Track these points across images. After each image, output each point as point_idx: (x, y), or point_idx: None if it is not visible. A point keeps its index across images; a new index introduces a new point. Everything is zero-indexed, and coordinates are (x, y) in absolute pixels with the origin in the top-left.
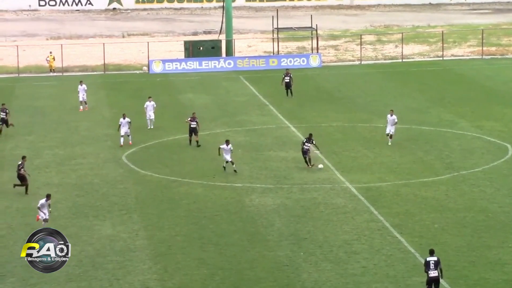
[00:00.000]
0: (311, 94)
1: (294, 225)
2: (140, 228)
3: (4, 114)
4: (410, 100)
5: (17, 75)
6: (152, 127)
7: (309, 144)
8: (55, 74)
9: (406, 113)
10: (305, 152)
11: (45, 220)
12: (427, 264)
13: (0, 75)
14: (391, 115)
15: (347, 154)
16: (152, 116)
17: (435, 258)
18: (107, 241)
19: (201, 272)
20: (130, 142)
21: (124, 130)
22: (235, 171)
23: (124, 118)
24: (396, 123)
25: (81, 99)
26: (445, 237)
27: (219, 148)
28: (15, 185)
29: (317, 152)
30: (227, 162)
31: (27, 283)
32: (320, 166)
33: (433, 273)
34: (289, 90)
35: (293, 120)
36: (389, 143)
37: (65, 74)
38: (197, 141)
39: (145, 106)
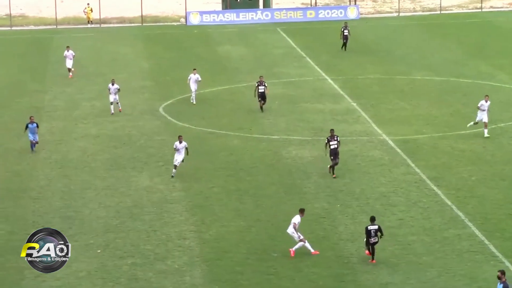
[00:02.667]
0: (348, 46)
1: (330, 177)
2: (177, 180)
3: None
4: (448, 52)
5: (55, 26)
6: (195, 102)
7: (336, 142)
8: (92, 25)
9: (444, 66)
10: (335, 154)
11: (301, 240)
12: (368, 232)
13: (38, 27)
14: (486, 101)
15: (384, 107)
16: (195, 89)
17: (376, 227)
18: (145, 192)
19: (238, 223)
20: (120, 109)
21: (112, 97)
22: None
23: (112, 85)
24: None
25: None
26: (482, 190)
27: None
28: None
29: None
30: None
31: (66, 233)
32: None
33: (373, 240)
34: (345, 44)
35: (330, 72)
36: (486, 134)
37: (102, 25)
38: (261, 106)
39: (188, 78)
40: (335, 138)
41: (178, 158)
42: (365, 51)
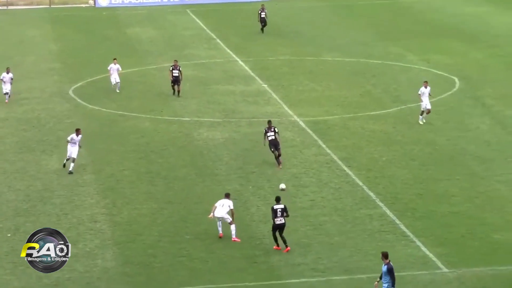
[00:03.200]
0: (258, 28)
1: (242, 159)
2: (88, 163)
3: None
4: (358, 33)
5: None
6: (119, 90)
7: (273, 133)
8: None
9: (353, 47)
10: (274, 145)
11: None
12: (274, 211)
13: None
14: (426, 87)
15: (295, 88)
16: (118, 79)
17: (282, 206)
18: (55, 176)
19: (149, 206)
20: (6, 101)
21: (8, 87)
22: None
23: (7, 73)
24: (430, 95)
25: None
26: (393, 170)
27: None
28: None
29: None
30: (68, 159)
31: None
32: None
33: (279, 220)
34: (264, 26)
35: (241, 54)
36: (423, 120)
37: (10, 7)
38: (178, 91)
39: (108, 68)
40: (272, 129)
41: (73, 151)
42: (275, 33)
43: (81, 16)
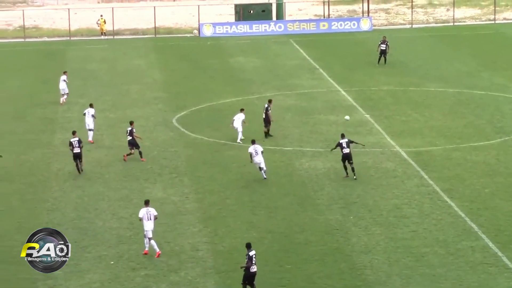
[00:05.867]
0: (361, 58)
1: (343, 189)
2: (191, 191)
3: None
4: (462, 64)
5: (68, 38)
6: (239, 140)
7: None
8: (106, 37)
9: (457, 77)
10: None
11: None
12: (250, 258)
13: (52, 38)
14: None
15: (397, 118)
16: (240, 129)
17: (254, 252)
18: (158, 204)
19: (251, 235)
20: (91, 139)
21: (90, 123)
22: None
23: (91, 107)
24: None
25: (62, 91)
26: (496, 201)
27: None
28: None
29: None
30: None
31: (79, 245)
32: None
33: (254, 268)
34: (383, 57)
35: (343, 84)
36: None
37: (116, 37)
38: (268, 131)
39: (233, 119)
40: (346, 143)
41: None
42: (379, 63)
43: (185, 46)
